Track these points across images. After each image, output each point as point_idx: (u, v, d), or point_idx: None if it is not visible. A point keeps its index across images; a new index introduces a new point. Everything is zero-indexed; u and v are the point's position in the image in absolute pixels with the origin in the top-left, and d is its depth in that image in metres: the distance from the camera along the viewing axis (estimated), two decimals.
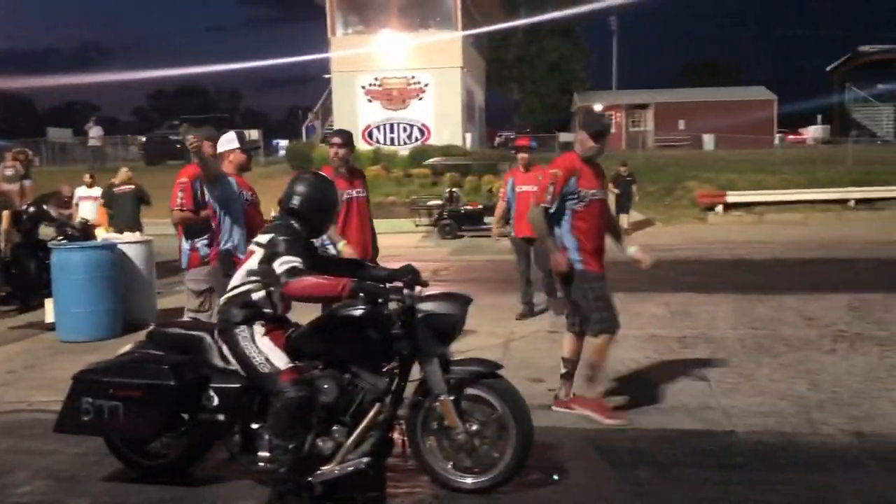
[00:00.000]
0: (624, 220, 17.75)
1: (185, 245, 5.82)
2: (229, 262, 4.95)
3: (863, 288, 9.54)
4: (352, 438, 3.73)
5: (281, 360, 3.69)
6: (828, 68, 44.37)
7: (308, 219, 3.88)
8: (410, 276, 4.05)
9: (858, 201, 21.57)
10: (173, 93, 73.19)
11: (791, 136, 48.26)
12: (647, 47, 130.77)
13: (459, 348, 6.81)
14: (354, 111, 26.63)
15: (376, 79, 26.75)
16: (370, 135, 26.72)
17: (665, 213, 21.56)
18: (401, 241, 18.10)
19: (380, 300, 3.63)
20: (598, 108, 43.37)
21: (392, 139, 26.77)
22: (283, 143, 33.65)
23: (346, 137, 6.13)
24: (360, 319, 3.68)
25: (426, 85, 26.63)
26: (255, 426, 3.82)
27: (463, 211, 18.80)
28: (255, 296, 3.79)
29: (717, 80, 48.23)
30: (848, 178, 22.98)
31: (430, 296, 3.89)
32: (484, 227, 17.41)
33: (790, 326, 7.58)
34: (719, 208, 21.50)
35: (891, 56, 37.82)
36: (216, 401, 3.84)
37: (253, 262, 3.79)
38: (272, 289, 3.76)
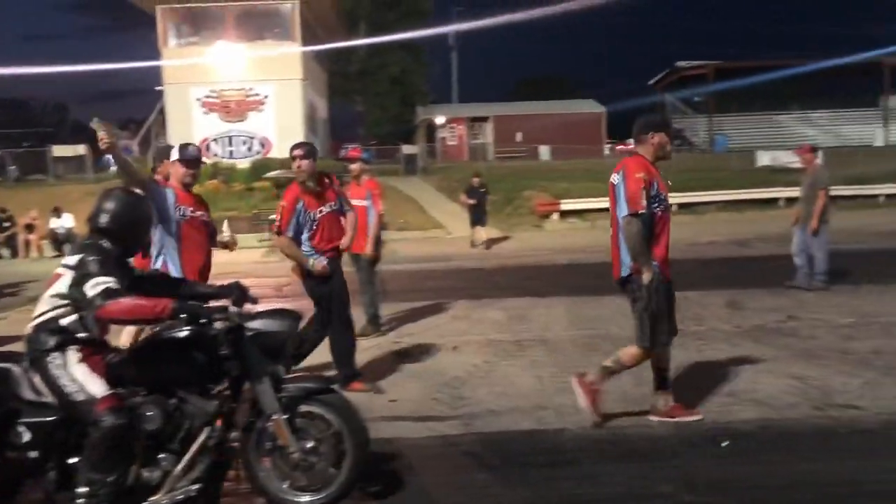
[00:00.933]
0: (483, 234, 18.13)
1: None
2: None
3: (683, 287, 10.23)
4: (181, 466, 3.58)
5: (98, 388, 3.48)
6: (650, 82, 47.43)
7: (119, 237, 3.68)
8: (238, 293, 3.95)
9: (680, 206, 23.19)
10: None
11: (620, 146, 51.26)
12: (486, 62, 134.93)
13: (300, 366, 6.75)
14: (190, 123, 25.68)
15: (213, 90, 25.93)
16: (208, 148, 25.84)
17: (506, 222, 22.25)
18: (243, 257, 17.57)
19: (203, 320, 3.50)
20: (440, 120, 44.25)
21: (231, 152, 26.04)
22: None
23: (308, 149, 5.81)
24: (183, 341, 3.55)
25: (265, 97, 26.13)
26: (72, 460, 3.58)
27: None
28: (66, 321, 3.56)
29: (550, 94, 50.45)
30: (670, 185, 24.62)
31: (257, 313, 3.80)
32: None
33: (617, 325, 8.01)
34: (555, 216, 22.45)
35: (704, 71, 41.00)
36: (27, 437, 3.56)
37: (61, 286, 3.55)
38: (85, 312, 3.54)
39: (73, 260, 3.55)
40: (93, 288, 3.41)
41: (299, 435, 3.72)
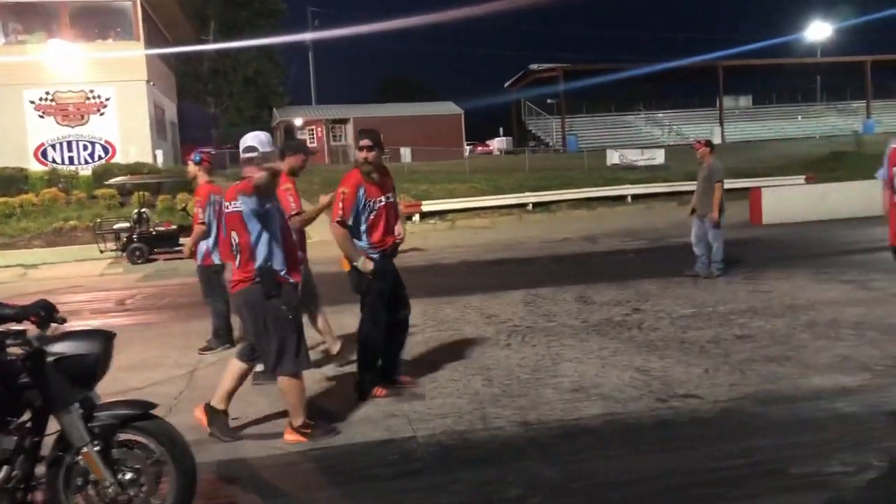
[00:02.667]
0: None
1: None
2: None
3: (536, 283, 10.43)
4: None
5: None
6: (506, 84, 48.57)
7: None
8: (42, 313, 3.54)
9: (535, 205, 23.81)
10: None
11: (479, 148, 52.26)
12: (346, 64, 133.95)
13: (136, 384, 6.28)
14: (23, 128, 23.83)
15: (48, 92, 24.16)
16: (44, 154, 24.07)
17: None
18: (84, 270, 16.49)
19: None
20: (298, 122, 43.46)
21: (71, 158, 24.35)
22: None
23: (374, 138, 5.46)
24: None
25: (107, 99, 24.62)
26: None
27: (154, 232, 17.56)
28: None
29: (411, 97, 50.72)
30: (526, 185, 25.29)
31: (62, 335, 3.42)
32: (179, 248, 16.39)
33: (472, 325, 8.01)
34: (416, 217, 22.45)
35: (555, 73, 42.38)
36: None
37: None
38: None
39: None
40: None
41: (116, 466, 3.38)
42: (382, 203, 5.54)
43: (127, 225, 17.89)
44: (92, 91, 24.31)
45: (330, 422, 5.01)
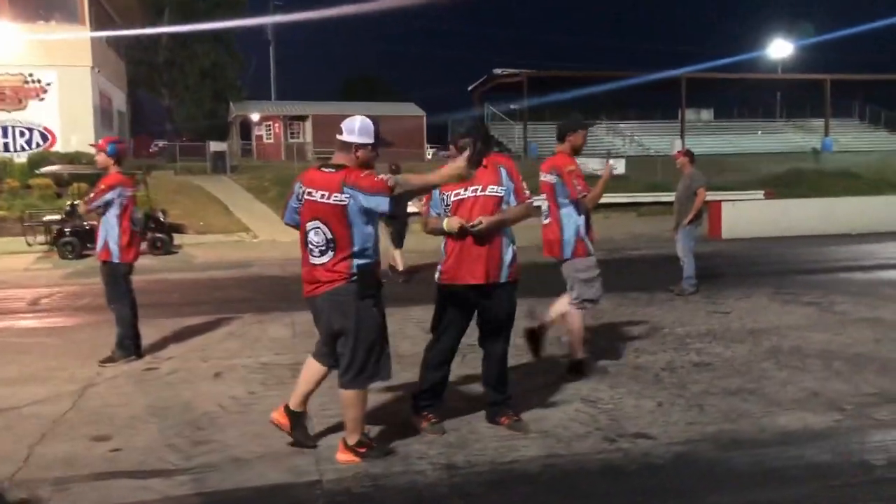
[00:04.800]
0: (399, 258, 16.85)
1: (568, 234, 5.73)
2: None
3: None
4: None
5: None
6: (469, 88, 47.98)
7: None
8: None
9: None
10: None
11: (446, 151, 51.58)
12: (307, 60, 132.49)
13: (14, 403, 5.47)
14: None
15: None
16: None
17: None
18: (9, 264, 15.41)
19: None
20: (255, 117, 42.39)
21: (6, 144, 23.11)
22: None
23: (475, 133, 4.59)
24: None
25: (48, 84, 23.43)
26: None
27: (88, 227, 16.52)
28: None
29: (373, 96, 49.90)
30: None
31: None
32: None
33: (409, 340, 7.31)
34: None
35: (518, 79, 41.92)
36: None
37: None
38: None
39: None
40: None
41: None
42: (459, 196, 4.63)
43: (58, 217, 16.84)
44: (31, 75, 23.09)
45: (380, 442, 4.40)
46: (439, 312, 4.78)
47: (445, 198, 4.66)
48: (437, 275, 4.78)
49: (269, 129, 43.20)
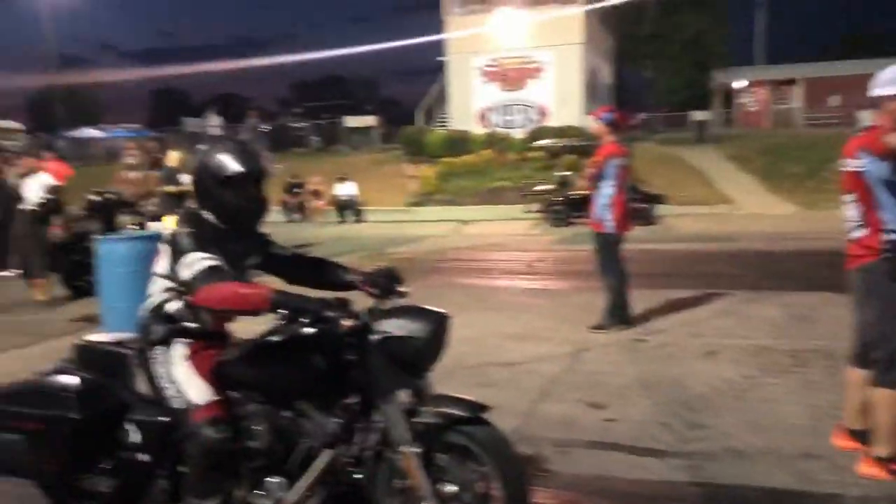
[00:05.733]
0: None
1: None
2: None
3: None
4: (294, 494, 2.87)
5: (199, 392, 2.87)
6: None
7: (208, 201, 2.96)
8: (384, 282, 3.12)
9: None
10: (316, 83, 75.03)
11: None
12: (794, 19, 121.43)
13: (517, 357, 5.85)
14: (469, 94, 25.79)
15: (493, 59, 25.73)
16: (485, 118, 25.78)
17: (806, 198, 19.35)
18: (509, 229, 17.11)
19: (306, 317, 2.66)
20: (740, 84, 40.45)
21: (509, 122, 25.71)
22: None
23: None
24: (303, 341, 2.79)
25: (545, 64, 25.36)
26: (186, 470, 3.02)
27: (575, 196, 17.48)
28: (172, 307, 2.98)
29: (881, 53, 43.77)
30: None
31: (391, 311, 2.93)
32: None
33: None
34: None
35: None
36: (136, 436, 3.08)
37: (161, 265, 2.96)
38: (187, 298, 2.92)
39: (169, 232, 2.94)
40: (189, 267, 2.76)
41: (440, 475, 2.82)
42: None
43: (550, 187, 18.14)
44: (531, 56, 25.26)
45: None
46: None
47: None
48: None
49: (753, 96, 40.82)
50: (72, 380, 3.16)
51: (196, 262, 2.75)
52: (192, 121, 36.54)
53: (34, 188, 9.26)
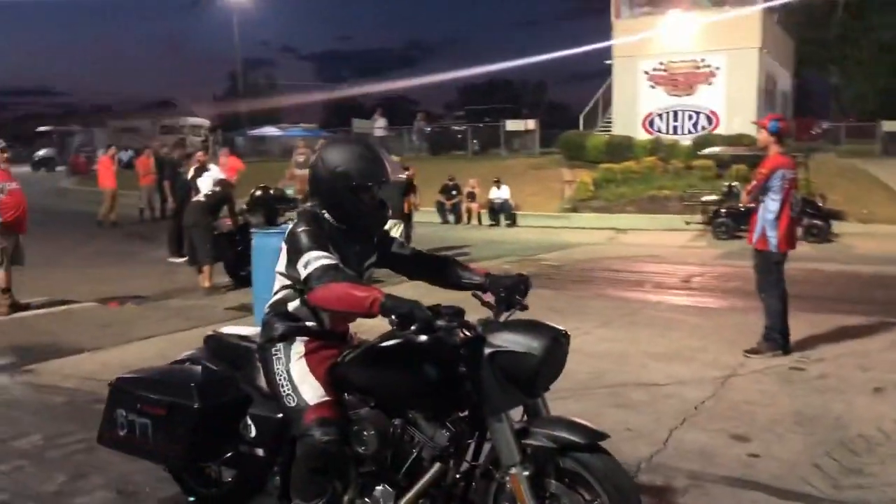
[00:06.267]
0: None
1: None
2: None
3: None
4: None
5: (312, 392, 2.86)
6: None
7: (328, 200, 2.94)
8: (503, 293, 2.98)
9: None
10: (483, 86, 75.79)
11: None
12: None
13: (660, 378, 5.52)
14: (635, 98, 24.98)
15: (661, 63, 24.80)
16: (651, 123, 24.89)
17: None
18: (668, 240, 16.41)
19: (416, 325, 2.54)
20: None
21: (675, 128, 24.64)
22: None
23: None
24: (417, 348, 2.72)
25: (717, 68, 24.12)
26: None
27: (743, 209, 16.46)
28: (292, 305, 2.98)
29: None
30: None
31: (507, 325, 2.79)
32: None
33: None
34: None
35: None
36: (253, 431, 3.13)
37: (282, 262, 2.98)
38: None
39: (287, 230, 2.95)
40: (306, 265, 2.75)
41: (547, 501, 2.66)
42: None
43: (715, 198, 17.23)
44: (703, 60, 24.07)
45: None
46: None
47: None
48: None
49: None
50: (195, 370, 3.27)
51: (313, 260, 2.74)
52: (360, 122, 37.98)
53: (206, 181, 9.89)
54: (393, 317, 2.55)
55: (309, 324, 2.99)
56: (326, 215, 2.93)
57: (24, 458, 4.17)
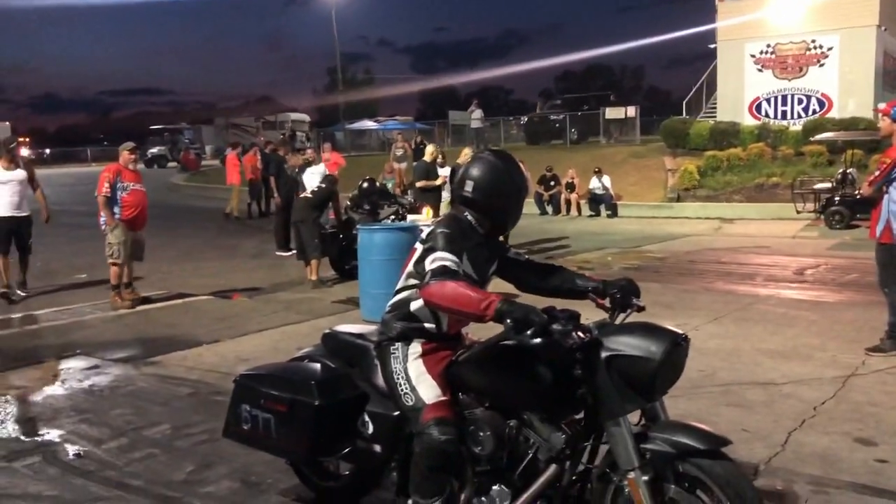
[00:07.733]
0: None
1: None
2: None
3: None
4: None
5: (429, 392, 2.91)
6: None
7: (484, 209, 3.01)
8: (618, 295, 2.96)
9: None
10: (580, 73, 74.51)
11: None
12: None
13: (776, 377, 5.33)
14: (741, 83, 24.03)
15: (768, 45, 23.78)
16: (758, 108, 23.92)
17: None
18: (778, 230, 15.78)
19: (531, 329, 2.55)
20: None
21: (784, 112, 23.59)
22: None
23: None
24: (525, 351, 2.72)
25: (829, 49, 22.93)
26: None
27: (859, 196, 15.65)
28: (414, 305, 3.04)
29: None
30: None
31: (624, 328, 2.76)
32: None
33: None
34: None
35: None
36: (370, 428, 3.22)
37: (413, 259, 3.05)
38: None
39: (427, 232, 3.02)
40: (432, 262, 2.81)
41: None
42: None
43: (828, 185, 16.44)
44: (813, 41, 22.93)
45: None
46: None
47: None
48: None
49: None
50: (314, 367, 3.38)
51: (439, 259, 2.79)
52: (456, 114, 38.16)
53: (313, 178, 10.17)
54: (508, 321, 2.56)
55: (427, 325, 3.04)
56: (471, 220, 3.00)
57: (155, 447, 4.41)
